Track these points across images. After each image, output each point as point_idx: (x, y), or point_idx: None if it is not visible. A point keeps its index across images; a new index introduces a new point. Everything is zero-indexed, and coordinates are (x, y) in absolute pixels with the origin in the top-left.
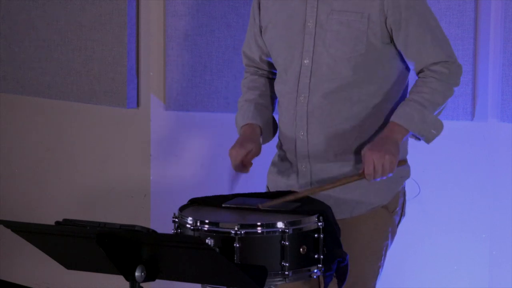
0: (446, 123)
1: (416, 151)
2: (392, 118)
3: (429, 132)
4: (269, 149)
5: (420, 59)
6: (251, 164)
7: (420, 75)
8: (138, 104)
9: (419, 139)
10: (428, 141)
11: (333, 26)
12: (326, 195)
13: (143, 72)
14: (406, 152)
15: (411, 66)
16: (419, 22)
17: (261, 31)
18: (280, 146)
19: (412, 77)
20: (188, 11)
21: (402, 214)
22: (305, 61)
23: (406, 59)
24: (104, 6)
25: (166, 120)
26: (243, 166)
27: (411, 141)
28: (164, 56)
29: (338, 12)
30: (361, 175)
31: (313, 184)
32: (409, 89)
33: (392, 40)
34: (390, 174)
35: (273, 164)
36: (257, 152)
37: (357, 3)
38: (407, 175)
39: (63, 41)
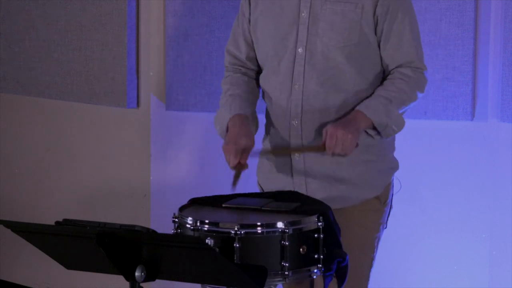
0: (446, 123)
1: (416, 151)
2: (358, 107)
3: (390, 127)
4: None
5: (394, 56)
6: (246, 158)
7: (388, 76)
8: (138, 104)
9: (379, 134)
10: (387, 136)
11: (327, 16)
12: (318, 187)
13: (143, 72)
14: (393, 149)
15: (384, 65)
16: (403, 18)
17: (250, 26)
18: (269, 141)
19: None
20: (188, 11)
21: (391, 207)
22: (299, 50)
23: (381, 55)
24: (104, 6)
25: (166, 120)
26: (241, 165)
27: (411, 142)
28: (164, 56)
29: (332, 2)
30: (321, 148)
31: (307, 177)
32: None
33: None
34: (347, 154)
35: (263, 161)
36: (252, 146)
37: None
38: (396, 166)
39: (63, 41)
